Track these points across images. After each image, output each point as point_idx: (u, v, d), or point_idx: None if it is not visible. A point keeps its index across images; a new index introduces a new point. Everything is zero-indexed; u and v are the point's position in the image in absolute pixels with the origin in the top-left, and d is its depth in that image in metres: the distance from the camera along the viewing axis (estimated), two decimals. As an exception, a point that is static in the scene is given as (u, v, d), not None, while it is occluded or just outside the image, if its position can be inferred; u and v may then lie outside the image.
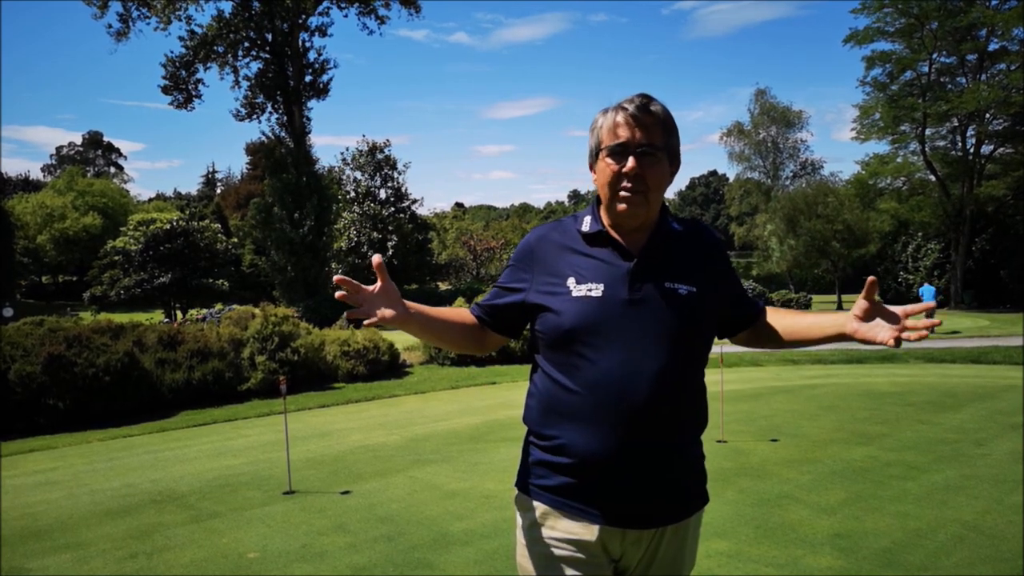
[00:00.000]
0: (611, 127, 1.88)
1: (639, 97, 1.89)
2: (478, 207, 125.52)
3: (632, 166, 1.84)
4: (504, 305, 2.02)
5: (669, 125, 1.91)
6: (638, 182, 1.86)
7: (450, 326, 2.01)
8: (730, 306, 2.04)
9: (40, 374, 10.78)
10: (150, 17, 34.15)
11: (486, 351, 2.13)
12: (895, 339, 1.72)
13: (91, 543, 5.13)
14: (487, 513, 5.40)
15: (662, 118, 1.89)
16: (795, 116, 48.74)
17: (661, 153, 1.88)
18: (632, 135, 1.85)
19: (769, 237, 45.95)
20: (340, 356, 14.73)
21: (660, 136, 1.88)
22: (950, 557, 4.28)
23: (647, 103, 1.88)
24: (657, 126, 1.88)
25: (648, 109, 1.87)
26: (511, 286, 2.01)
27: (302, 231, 34.28)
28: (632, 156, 1.85)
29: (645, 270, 1.87)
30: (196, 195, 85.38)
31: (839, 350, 16.10)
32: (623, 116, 1.87)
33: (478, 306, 2.08)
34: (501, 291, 2.03)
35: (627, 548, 1.90)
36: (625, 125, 1.86)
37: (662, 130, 1.89)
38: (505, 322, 2.04)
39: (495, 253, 57.33)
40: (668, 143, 1.90)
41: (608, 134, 1.89)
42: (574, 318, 1.84)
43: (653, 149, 1.86)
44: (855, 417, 8.65)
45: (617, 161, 1.87)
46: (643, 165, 1.85)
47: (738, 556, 4.38)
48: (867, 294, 1.78)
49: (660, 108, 1.89)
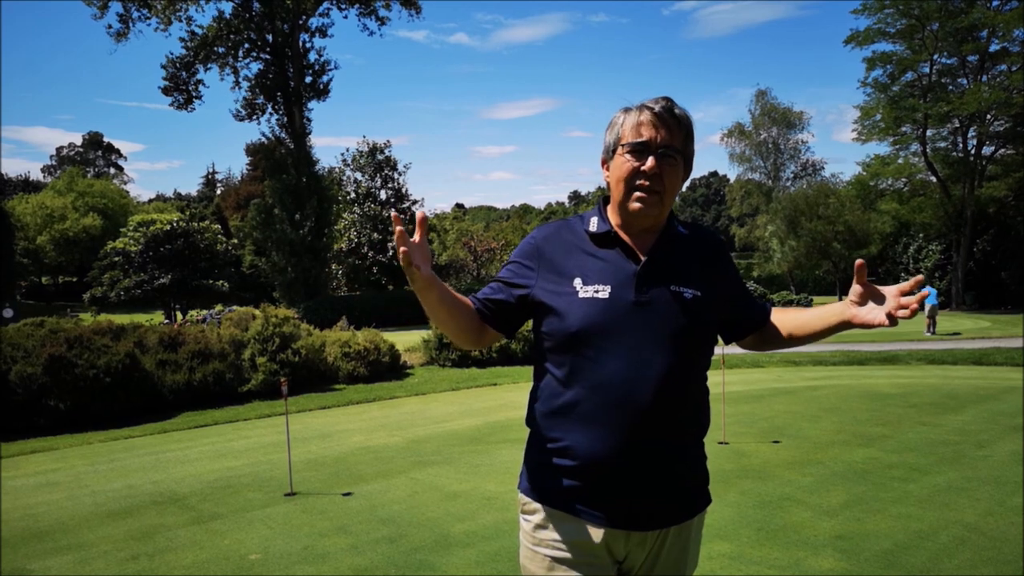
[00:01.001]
0: (635, 125, 1.89)
1: (664, 99, 1.90)
2: (478, 208, 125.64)
3: (652, 165, 1.86)
4: (505, 300, 1.97)
5: (689, 131, 1.93)
6: (656, 182, 1.87)
7: (461, 308, 1.93)
8: (736, 309, 2.05)
9: (41, 375, 10.78)
10: (150, 18, 34.26)
11: (480, 346, 2.07)
12: (889, 316, 1.72)
13: (92, 544, 5.13)
14: (489, 515, 5.39)
15: (685, 123, 1.91)
16: (796, 117, 48.79)
17: (680, 157, 1.90)
18: (656, 135, 1.87)
19: (770, 238, 46.02)
20: (341, 357, 14.72)
21: (681, 140, 1.90)
22: (952, 559, 4.27)
23: (672, 106, 1.90)
24: (679, 130, 1.90)
25: (673, 112, 1.89)
26: (515, 282, 1.97)
27: (302, 232, 34.30)
28: (653, 156, 1.86)
29: (652, 273, 1.88)
30: (196, 196, 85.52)
31: (840, 351, 16.11)
32: (648, 115, 1.88)
33: (477, 299, 2.00)
34: (504, 286, 1.98)
35: (631, 549, 1.90)
36: (649, 124, 1.88)
37: (683, 135, 1.91)
38: (504, 317, 1.98)
39: (496, 254, 57.31)
40: (686, 148, 1.92)
41: (631, 131, 1.90)
42: (581, 320, 1.84)
43: (673, 152, 1.88)
44: (857, 419, 8.65)
45: (637, 158, 1.88)
46: (662, 166, 1.87)
47: (740, 558, 4.37)
48: (858, 278, 1.78)
49: (683, 113, 1.92)
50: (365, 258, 44.03)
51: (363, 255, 44.08)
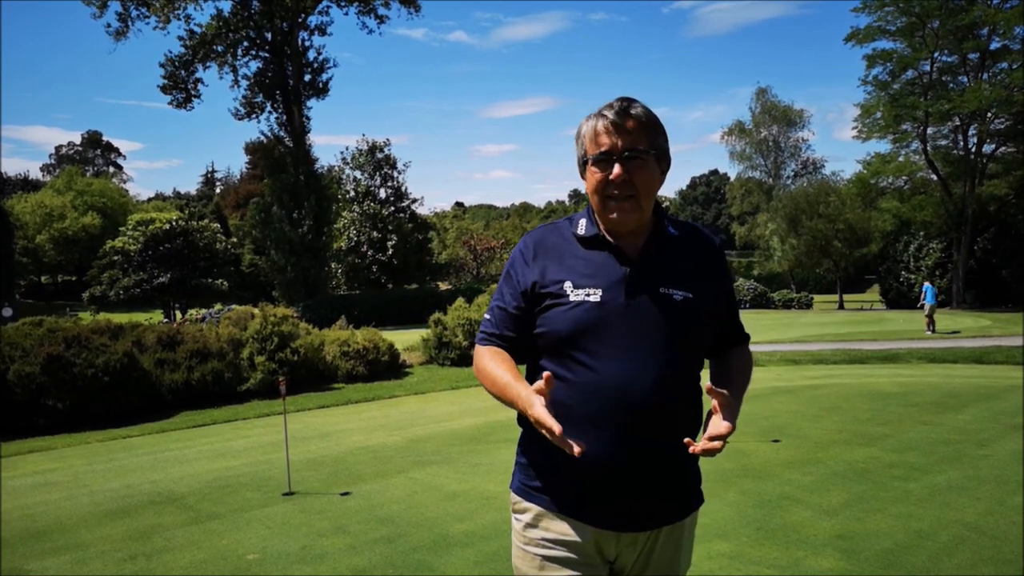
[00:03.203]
0: (593, 136, 1.87)
1: (618, 102, 1.86)
2: (478, 207, 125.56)
3: (618, 173, 1.83)
4: (521, 327, 1.93)
5: (653, 126, 1.88)
6: (626, 187, 1.84)
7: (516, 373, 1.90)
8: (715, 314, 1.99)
9: (39, 374, 10.77)
10: (149, 16, 34.23)
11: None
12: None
13: (90, 544, 5.11)
14: (488, 514, 5.37)
15: (644, 120, 1.86)
16: (796, 115, 48.81)
17: (647, 156, 1.86)
18: (614, 142, 1.83)
19: (770, 236, 46.01)
20: (340, 356, 14.71)
21: (644, 139, 1.85)
22: (952, 559, 4.25)
23: (627, 107, 1.85)
24: (640, 130, 1.85)
25: (628, 113, 1.85)
26: (519, 305, 1.93)
27: (301, 231, 34.29)
28: (617, 163, 1.83)
29: (642, 275, 1.86)
30: (195, 195, 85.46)
31: (841, 350, 16.09)
32: (603, 124, 1.85)
33: (498, 338, 1.96)
34: (509, 315, 1.94)
35: (622, 550, 1.91)
36: (606, 133, 1.85)
37: (646, 133, 1.86)
38: (526, 341, 1.95)
39: (495, 253, 57.37)
40: (654, 144, 1.88)
41: (591, 143, 1.88)
42: (572, 323, 1.83)
43: (638, 153, 1.84)
44: (857, 418, 8.62)
45: (603, 169, 1.85)
46: (630, 170, 1.83)
47: (739, 557, 4.36)
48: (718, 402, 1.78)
49: (641, 110, 1.87)
50: (364, 257, 44.01)
51: (362, 254, 44.05)
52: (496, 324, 1.97)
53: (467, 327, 16.17)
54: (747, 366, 2.09)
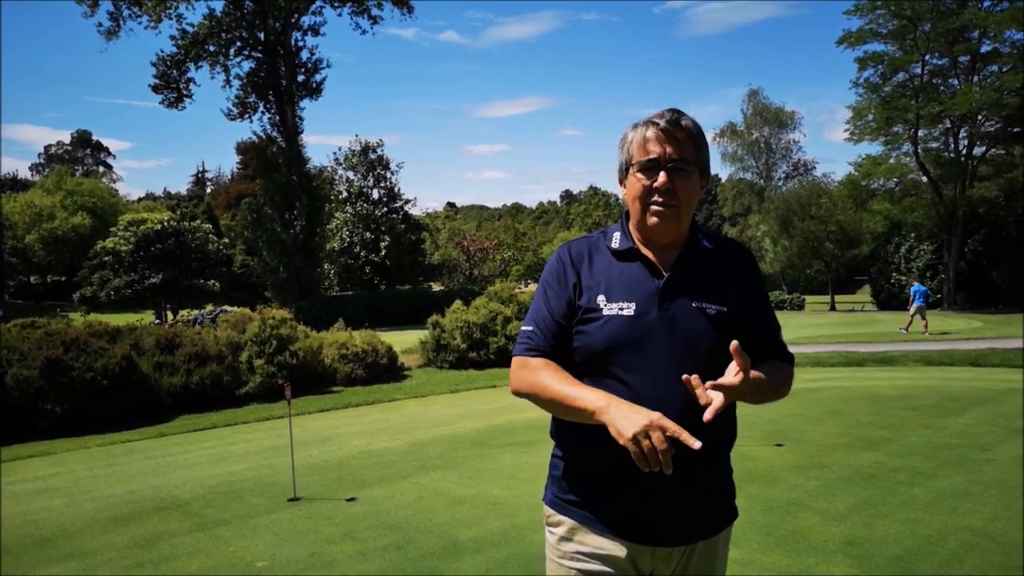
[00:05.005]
0: (641, 142, 1.88)
1: (670, 112, 1.89)
2: (470, 207, 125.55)
3: (663, 181, 1.85)
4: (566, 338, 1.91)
5: (700, 140, 1.92)
6: (669, 197, 1.86)
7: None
8: (747, 329, 1.93)
9: (38, 378, 10.69)
10: (140, 16, 34.01)
11: None
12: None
13: (96, 552, 5.08)
14: (496, 520, 5.35)
15: (693, 133, 1.89)
16: (788, 117, 49.10)
17: (692, 168, 1.89)
18: (663, 150, 1.85)
19: (762, 238, 46.23)
20: (338, 359, 14.65)
21: (691, 151, 1.88)
22: (963, 565, 4.27)
23: (678, 118, 1.88)
24: (688, 141, 1.88)
25: (679, 124, 1.87)
26: (566, 314, 1.91)
27: (294, 231, 34.19)
28: (663, 171, 1.85)
29: (675, 288, 1.87)
30: (186, 195, 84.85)
31: (838, 352, 16.14)
32: (654, 131, 1.87)
33: (547, 350, 1.91)
34: (558, 325, 1.91)
35: (657, 564, 1.90)
36: (656, 140, 1.86)
37: (693, 145, 1.89)
38: (569, 354, 1.93)
39: (488, 253, 57.36)
40: (699, 157, 1.91)
41: (639, 149, 1.89)
42: (606, 337, 1.84)
43: (684, 164, 1.87)
44: (859, 421, 8.65)
45: (648, 176, 1.87)
46: (674, 180, 1.85)
47: (751, 564, 4.36)
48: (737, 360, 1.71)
49: (691, 123, 1.90)
50: (357, 257, 43.94)
51: (355, 254, 43.98)
52: (544, 335, 1.93)
53: (465, 330, 16.14)
54: (781, 374, 1.98)
